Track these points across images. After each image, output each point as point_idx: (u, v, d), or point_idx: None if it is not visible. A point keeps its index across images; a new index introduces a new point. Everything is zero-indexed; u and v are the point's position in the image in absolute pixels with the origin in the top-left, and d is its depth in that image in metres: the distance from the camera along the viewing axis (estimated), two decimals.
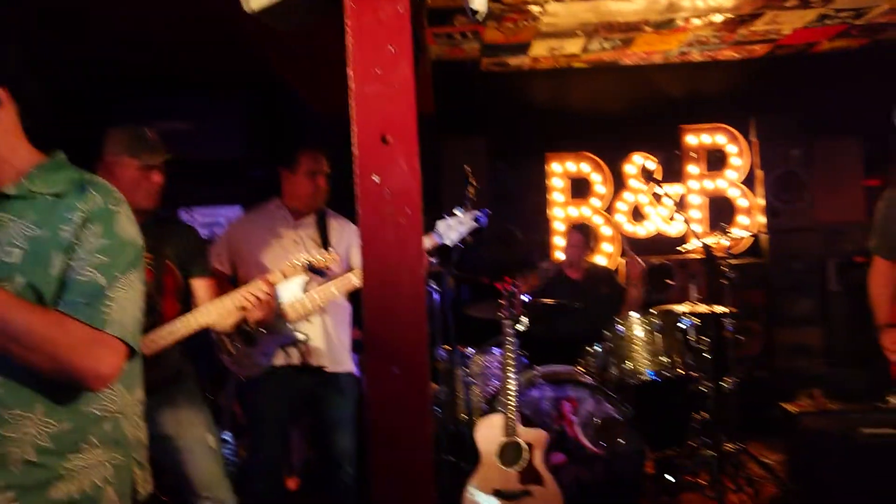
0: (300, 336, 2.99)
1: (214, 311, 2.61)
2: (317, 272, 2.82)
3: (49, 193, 1.49)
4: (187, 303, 2.73)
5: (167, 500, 3.18)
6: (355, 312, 3.38)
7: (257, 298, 2.65)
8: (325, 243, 3.19)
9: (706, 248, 3.77)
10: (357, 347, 4.53)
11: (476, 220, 2.96)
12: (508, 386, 3.21)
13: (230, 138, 5.07)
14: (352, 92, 1.72)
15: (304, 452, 4.32)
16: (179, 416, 2.56)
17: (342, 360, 3.22)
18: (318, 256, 2.77)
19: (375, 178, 1.71)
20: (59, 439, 1.43)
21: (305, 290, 2.90)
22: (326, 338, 3.14)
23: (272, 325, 2.88)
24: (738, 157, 5.55)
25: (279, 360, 3.06)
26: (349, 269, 3.13)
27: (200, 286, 2.73)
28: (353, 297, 3.38)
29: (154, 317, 2.50)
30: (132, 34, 3.99)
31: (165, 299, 2.62)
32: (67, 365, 1.39)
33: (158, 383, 2.38)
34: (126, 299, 1.48)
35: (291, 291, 2.90)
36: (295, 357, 3.09)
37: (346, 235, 3.26)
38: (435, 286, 3.82)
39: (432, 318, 3.73)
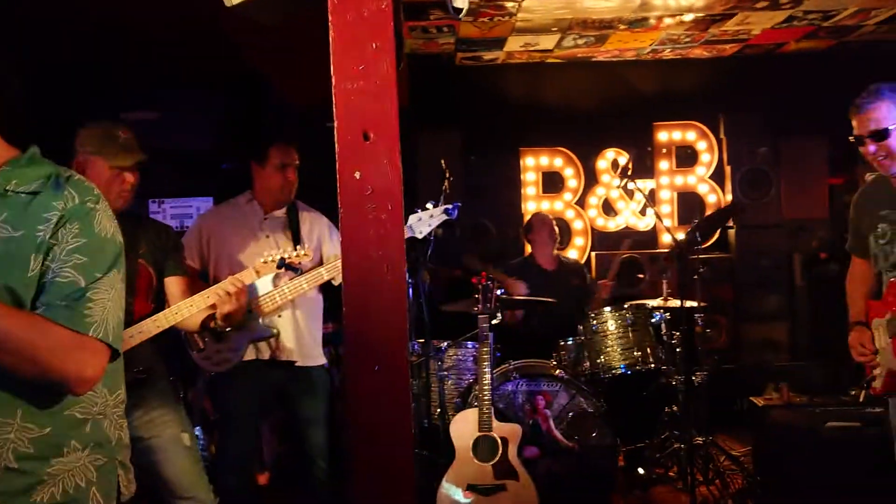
0: (270, 331, 2.97)
1: (185, 310, 2.58)
2: (290, 269, 2.80)
3: (24, 191, 1.45)
4: (160, 301, 2.69)
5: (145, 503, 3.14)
6: (327, 305, 3.37)
7: (227, 294, 2.62)
8: (296, 237, 3.16)
9: (678, 242, 3.83)
10: (328, 340, 4.53)
11: (447, 212, 2.96)
12: (484, 380, 3.23)
13: (202, 129, 5.01)
14: (334, 88, 1.71)
15: (275, 447, 4.30)
16: (151, 415, 2.51)
17: (313, 355, 3.20)
18: (293, 253, 2.75)
19: (357, 175, 1.71)
20: (41, 444, 1.40)
21: (275, 285, 2.89)
22: (297, 332, 3.12)
23: (242, 320, 2.85)
24: (708, 153, 5.63)
25: (249, 355, 3.04)
26: (320, 262, 3.12)
27: (174, 284, 2.68)
28: (325, 290, 3.37)
29: (125, 317, 2.45)
30: (106, 26, 3.91)
31: (137, 299, 2.58)
32: (49, 369, 1.36)
33: (129, 383, 2.34)
34: (107, 300, 1.45)
35: (262, 285, 2.88)
36: (265, 352, 3.07)
37: (316, 229, 3.24)
38: (409, 279, 3.82)
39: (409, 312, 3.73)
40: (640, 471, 4.06)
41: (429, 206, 2.93)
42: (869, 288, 2.75)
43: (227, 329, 2.79)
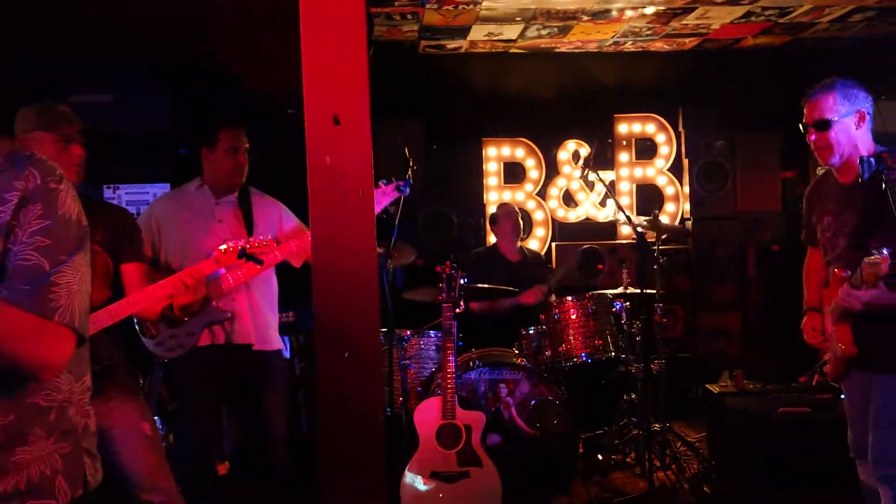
0: (225, 314, 2.94)
1: (142, 301, 2.52)
2: (252, 259, 2.78)
3: None
4: (117, 289, 2.62)
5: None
6: (285, 292, 3.35)
7: (185, 285, 2.57)
8: (248, 222, 3.12)
9: (639, 233, 3.89)
10: (289, 329, 4.49)
11: (398, 189, 2.97)
12: (447, 368, 3.24)
13: (158, 112, 4.88)
14: (304, 71, 1.69)
15: (235, 437, 4.25)
16: (110, 405, 2.44)
17: (269, 338, 3.16)
18: (254, 242, 2.73)
19: (327, 160, 1.69)
20: (5, 432, 1.37)
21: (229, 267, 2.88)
22: (252, 314, 3.08)
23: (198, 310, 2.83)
24: (667, 145, 5.72)
25: (204, 340, 2.99)
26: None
27: (132, 272, 2.60)
28: (282, 276, 3.35)
29: None
30: (56, 3, 3.78)
31: (93, 287, 2.50)
32: (15, 356, 1.32)
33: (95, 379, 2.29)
34: (73, 284, 1.40)
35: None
36: (220, 336, 3.03)
37: (270, 213, 3.21)
38: None
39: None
40: (599, 457, 4.13)
41: (381, 183, 2.93)
42: (822, 277, 2.84)
43: (182, 320, 2.76)
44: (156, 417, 3.86)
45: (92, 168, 2.53)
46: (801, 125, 2.63)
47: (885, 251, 2.20)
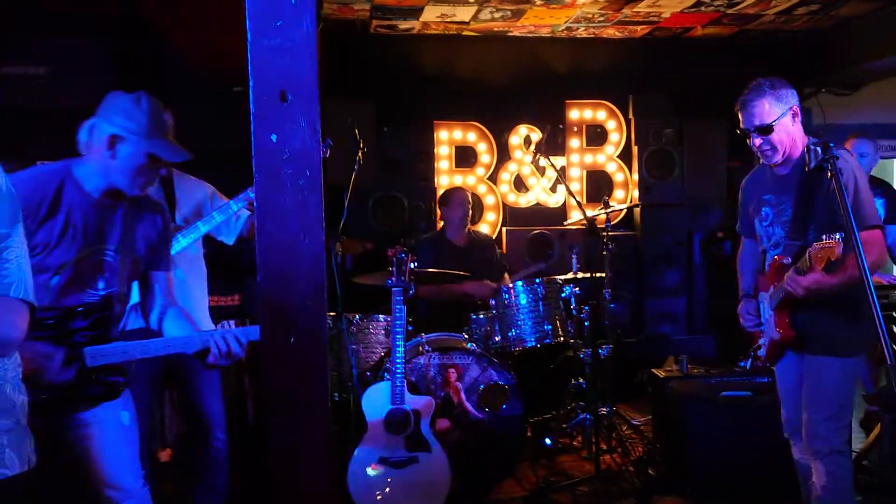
0: None
1: (180, 344, 2.33)
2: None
3: None
4: None
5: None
6: (225, 276, 3.26)
7: (230, 350, 2.37)
8: (170, 202, 3.02)
9: (589, 219, 3.90)
10: (233, 314, 4.38)
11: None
12: (396, 353, 3.21)
13: (97, 85, 4.66)
14: (249, 45, 1.61)
15: (177, 424, 4.14)
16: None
17: (199, 319, 3.07)
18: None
19: (273, 138, 1.63)
20: None
21: None
22: (181, 292, 2.95)
23: None
24: (616, 132, 5.77)
25: (133, 323, 2.87)
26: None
27: (162, 280, 2.45)
28: (220, 260, 3.27)
29: (106, 326, 2.24)
30: None
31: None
32: None
33: (98, 398, 2.20)
34: (20, 256, 1.39)
35: None
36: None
37: (193, 193, 3.11)
38: None
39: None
40: (547, 441, 4.17)
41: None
42: (757, 265, 2.92)
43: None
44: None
45: (26, 145, 2.39)
46: (738, 130, 2.72)
47: (836, 236, 2.28)
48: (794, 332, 2.65)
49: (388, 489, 3.14)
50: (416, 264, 3.51)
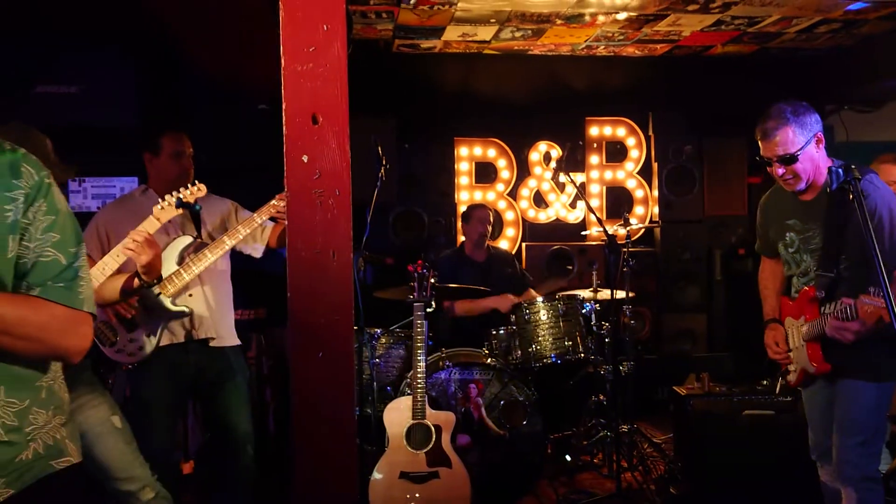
0: (183, 310, 2.93)
1: (98, 273, 2.54)
2: (187, 207, 2.80)
3: None
4: None
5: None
6: (242, 291, 3.33)
7: (138, 244, 2.61)
8: (195, 219, 3.10)
9: (610, 237, 3.92)
10: (255, 327, 4.44)
11: (184, 206, 2.97)
12: (417, 368, 3.23)
13: (124, 104, 4.78)
14: (283, 70, 1.67)
15: (199, 436, 4.20)
16: (80, 401, 2.43)
17: (227, 334, 3.15)
18: (185, 192, 2.78)
19: (304, 159, 1.68)
20: (21, 415, 1.47)
21: (181, 260, 2.91)
22: (209, 308, 3.07)
23: (153, 301, 2.86)
24: (636, 149, 5.79)
25: (165, 339, 2.97)
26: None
27: None
28: (242, 276, 3.33)
29: None
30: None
31: None
32: (57, 348, 1.47)
33: None
34: (87, 272, 1.53)
35: (167, 266, 2.88)
36: (180, 334, 3.01)
37: (217, 208, 3.21)
38: None
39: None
40: (567, 458, 4.16)
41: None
42: (780, 285, 2.88)
43: (154, 283, 2.79)
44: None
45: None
46: (759, 158, 2.64)
47: (882, 296, 2.17)
48: (830, 365, 2.59)
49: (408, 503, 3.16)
50: (436, 279, 3.54)
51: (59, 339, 1.46)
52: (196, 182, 2.84)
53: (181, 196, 2.75)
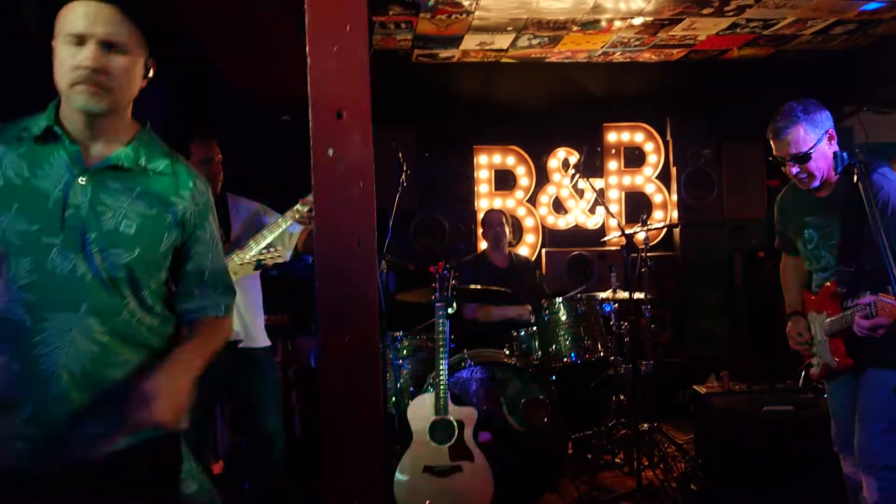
0: None
1: None
2: (266, 269, 2.91)
3: (154, 170, 1.65)
4: None
5: None
6: (270, 298, 3.42)
7: None
8: (226, 225, 3.22)
9: (629, 239, 3.97)
10: (282, 333, 4.54)
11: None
12: (440, 364, 3.30)
13: (153, 112, 4.91)
14: (309, 68, 1.77)
15: (229, 437, 4.29)
16: None
17: (257, 336, 3.24)
18: (267, 255, 2.89)
19: (330, 152, 1.77)
20: None
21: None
22: (238, 312, 3.15)
23: None
24: (655, 154, 5.84)
25: None
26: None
27: None
28: (269, 281, 3.43)
29: None
30: None
31: None
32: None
33: None
34: None
35: None
36: None
37: (246, 211, 3.31)
38: None
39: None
40: (588, 457, 4.20)
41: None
42: (802, 279, 2.91)
43: None
44: None
45: None
46: (772, 158, 2.66)
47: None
48: (853, 360, 2.61)
49: (432, 497, 3.22)
50: (457, 281, 3.61)
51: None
52: (276, 247, 2.94)
53: (261, 259, 2.85)
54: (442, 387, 3.27)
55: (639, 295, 4.13)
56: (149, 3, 1.63)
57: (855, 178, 2.24)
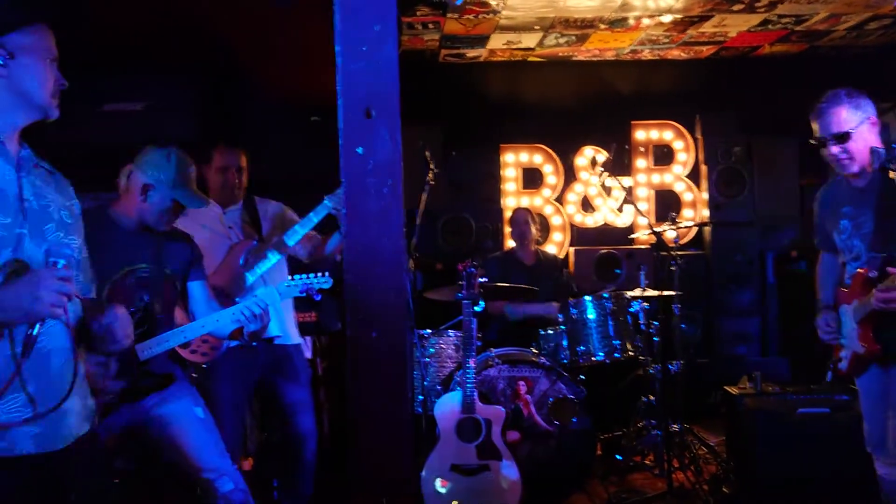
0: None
1: (211, 325, 2.62)
2: (311, 294, 2.94)
3: None
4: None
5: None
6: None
7: (254, 314, 2.68)
8: (256, 224, 3.28)
9: (658, 236, 3.94)
10: (312, 330, 4.57)
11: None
12: (468, 362, 3.30)
13: (185, 120, 5.00)
14: (338, 68, 1.78)
15: (258, 434, 4.33)
16: (163, 394, 2.55)
17: (291, 333, 3.28)
18: (315, 280, 2.88)
19: (359, 150, 1.78)
20: None
21: (245, 264, 3.02)
22: (272, 309, 3.17)
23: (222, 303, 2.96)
24: (684, 152, 5.77)
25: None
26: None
27: (197, 289, 2.74)
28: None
29: (151, 324, 2.52)
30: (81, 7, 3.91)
31: (177, 312, 2.73)
32: None
33: (150, 388, 2.51)
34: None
35: (232, 267, 3.01)
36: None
37: (272, 212, 3.37)
38: None
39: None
40: (618, 458, 4.16)
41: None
42: (837, 278, 2.88)
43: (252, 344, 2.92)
44: None
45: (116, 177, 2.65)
46: (813, 140, 2.69)
47: None
48: (880, 346, 2.59)
49: (459, 496, 3.22)
50: (486, 279, 3.61)
51: None
52: (325, 273, 2.91)
53: (309, 283, 2.88)
54: (469, 385, 3.27)
55: (668, 294, 4.09)
56: None
57: (891, 173, 2.21)
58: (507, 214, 5.63)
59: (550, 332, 4.09)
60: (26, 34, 1.63)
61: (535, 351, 4.00)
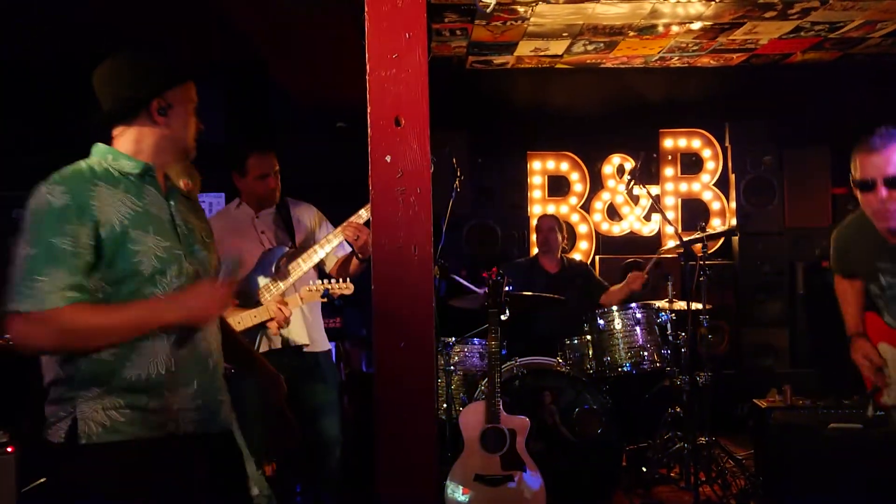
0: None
1: (237, 325, 2.64)
2: (331, 298, 2.96)
3: None
4: None
5: None
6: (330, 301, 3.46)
7: (281, 312, 2.79)
8: (289, 229, 3.28)
9: (685, 244, 3.88)
10: (336, 336, 4.58)
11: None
12: (492, 373, 3.28)
13: (212, 121, 5.03)
14: (368, 75, 1.78)
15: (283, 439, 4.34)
16: None
17: (319, 340, 3.28)
18: (335, 284, 2.96)
19: (388, 159, 1.77)
20: None
21: (277, 271, 3.02)
22: (303, 316, 3.21)
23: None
24: (713, 160, 5.71)
25: (263, 346, 3.11)
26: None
27: None
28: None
29: None
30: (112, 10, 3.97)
31: None
32: None
33: None
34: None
35: (263, 273, 3.00)
36: (277, 341, 3.14)
37: (306, 218, 3.37)
38: None
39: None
40: (643, 469, 4.11)
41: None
42: (861, 298, 2.73)
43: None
44: None
45: None
46: (855, 182, 2.33)
47: None
48: None
49: None
50: (511, 287, 3.58)
51: None
52: (347, 280, 3.01)
53: (329, 288, 2.93)
54: (494, 394, 3.25)
55: (696, 304, 4.03)
56: None
57: None
58: (534, 222, 5.60)
59: (576, 341, 4.05)
60: (180, 89, 1.89)
61: (560, 361, 3.96)
